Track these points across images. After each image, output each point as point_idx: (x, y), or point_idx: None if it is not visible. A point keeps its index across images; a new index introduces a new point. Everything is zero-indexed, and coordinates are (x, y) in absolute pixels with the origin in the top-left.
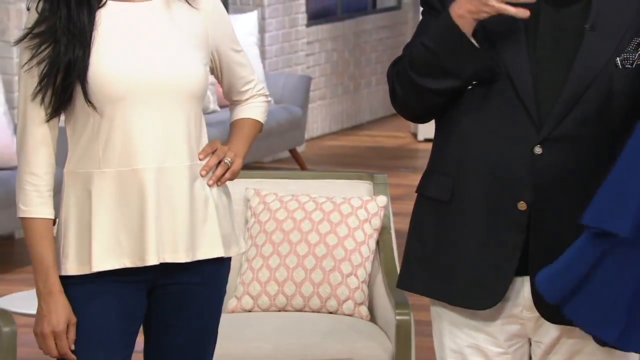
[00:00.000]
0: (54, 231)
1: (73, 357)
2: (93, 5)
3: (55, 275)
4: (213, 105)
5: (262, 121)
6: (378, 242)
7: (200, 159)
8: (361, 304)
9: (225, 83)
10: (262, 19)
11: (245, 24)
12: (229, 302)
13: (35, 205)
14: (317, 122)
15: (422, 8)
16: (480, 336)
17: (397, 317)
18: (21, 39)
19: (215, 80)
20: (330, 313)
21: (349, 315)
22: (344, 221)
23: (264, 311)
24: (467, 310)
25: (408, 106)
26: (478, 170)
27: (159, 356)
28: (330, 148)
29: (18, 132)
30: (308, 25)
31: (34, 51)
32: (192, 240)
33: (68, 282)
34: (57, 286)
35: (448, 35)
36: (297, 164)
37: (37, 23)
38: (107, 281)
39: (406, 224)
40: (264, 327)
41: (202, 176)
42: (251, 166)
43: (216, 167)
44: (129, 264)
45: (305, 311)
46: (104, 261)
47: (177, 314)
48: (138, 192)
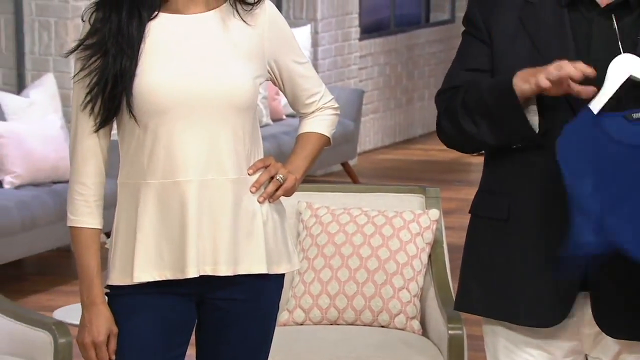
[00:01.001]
0: (110, 241)
1: None
2: (144, 17)
3: (99, 285)
4: (266, 119)
5: (328, 135)
6: (430, 256)
7: (249, 174)
8: (413, 318)
9: (289, 95)
10: (315, 33)
11: (298, 38)
12: (281, 315)
13: (83, 214)
14: (370, 136)
15: (465, 27)
16: (537, 353)
17: (450, 332)
18: (73, 50)
19: (267, 94)
20: (382, 327)
21: (400, 329)
22: (396, 235)
23: (315, 324)
24: (526, 327)
25: (455, 143)
26: (536, 189)
27: None
28: (382, 161)
29: (70, 142)
30: (361, 38)
31: (85, 62)
32: (234, 254)
33: (113, 293)
34: (100, 297)
35: (504, 99)
36: (349, 177)
37: (89, 34)
38: (153, 292)
39: (459, 238)
40: (315, 341)
41: (252, 192)
42: (303, 179)
43: (268, 184)
44: (170, 276)
45: (357, 325)
46: (145, 272)
47: (225, 328)
48: (180, 204)
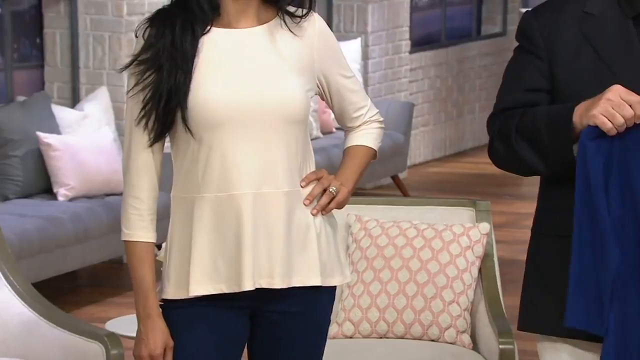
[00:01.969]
0: (163, 255)
1: None
2: (197, 32)
3: (154, 298)
4: (316, 132)
5: (375, 148)
6: (480, 270)
7: (302, 187)
8: (463, 332)
9: (336, 109)
10: (366, 46)
11: (348, 51)
12: (330, 328)
13: (137, 228)
14: (420, 149)
15: (519, 43)
16: None
17: (501, 346)
18: (127, 66)
19: (318, 107)
20: (432, 341)
21: (451, 343)
22: (446, 248)
23: (365, 337)
24: (595, 344)
25: (508, 166)
26: None
27: None
28: (432, 175)
29: (123, 157)
30: (411, 52)
31: (139, 77)
32: (289, 267)
33: (168, 306)
34: (156, 310)
35: (561, 134)
36: (399, 190)
37: (143, 50)
38: (207, 306)
39: (510, 252)
40: (365, 354)
41: (306, 205)
42: (353, 192)
43: (321, 196)
44: (225, 289)
45: (406, 338)
46: (201, 286)
47: (277, 341)
48: (235, 218)
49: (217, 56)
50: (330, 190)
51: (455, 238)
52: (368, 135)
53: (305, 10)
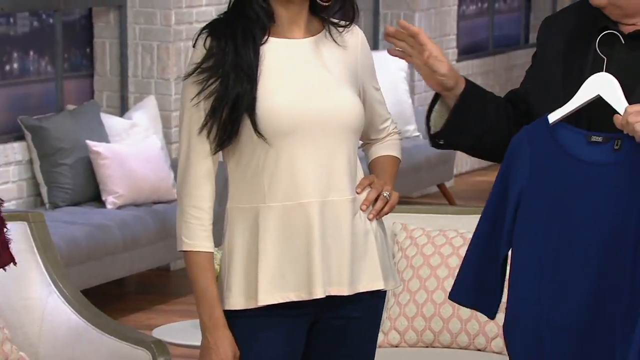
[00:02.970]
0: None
1: None
2: (257, 42)
3: (220, 308)
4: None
5: (401, 158)
6: None
7: (357, 193)
8: None
9: (366, 121)
10: None
11: (395, 60)
12: None
13: (200, 238)
14: (467, 157)
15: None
16: None
17: None
18: (190, 74)
19: None
20: (479, 350)
21: (497, 352)
22: None
23: (411, 347)
24: None
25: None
26: None
27: None
28: (479, 183)
29: (180, 166)
30: (459, 60)
31: (202, 86)
32: (355, 273)
33: (232, 316)
34: (222, 320)
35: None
36: (446, 199)
37: (205, 59)
38: (272, 315)
39: None
40: None
41: (363, 210)
42: (399, 201)
43: (375, 201)
44: (294, 298)
45: (453, 347)
46: (269, 295)
47: (336, 349)
48: (304, 226)
49: (278, 65)
50: (384, 194)
51: None
52: (394, 146)
53: (347, 22)
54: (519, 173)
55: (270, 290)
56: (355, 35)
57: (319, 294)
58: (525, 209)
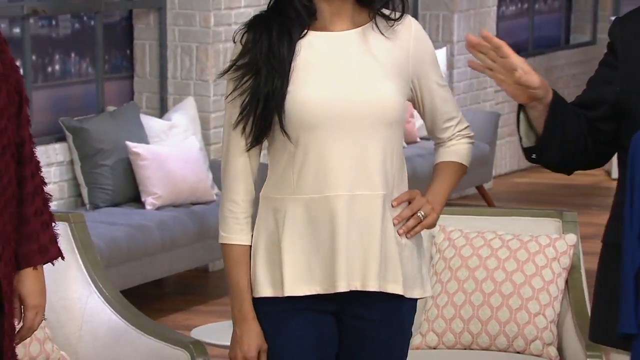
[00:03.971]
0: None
1: None
2: (294, 37)
3: (250, 301)
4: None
5: (467, 164)
6: (567, 282)
7: (393, 206)
8: (550, 344)
9: (427, 117)
10: (451, 55)
11: None
12: (414, 339)
13: (234, 232)
14: (506, 159)
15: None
16: None
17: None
18: (226, 71)
19: None
20: (518, 353)
21: (537, 355)
22: (531, 259)
23: (449, 349)
24: None
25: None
26: None
27: None
28: (518, 185)
29: (222, 161)
30: None
31: (238, 82)
32: (383, 270)
33: (262, 309)
34: (251, 313)
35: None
36: (484, 200)
37: (241, 55)
38: (299, 309)
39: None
40: None
41: (394, 224)
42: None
43: (409, 218)
44: (320, 291)
45: (491, 350)
46: (296, 286)
47: (359, 350)
48: (329, 220)
49: (313, 60)
50: (419, 215)
51: (541, 249)
52: (459, 151)
53: (398, 14)
54: None
55: (297, 281)
56: (407, 27)
57: (342, 288)
58: None
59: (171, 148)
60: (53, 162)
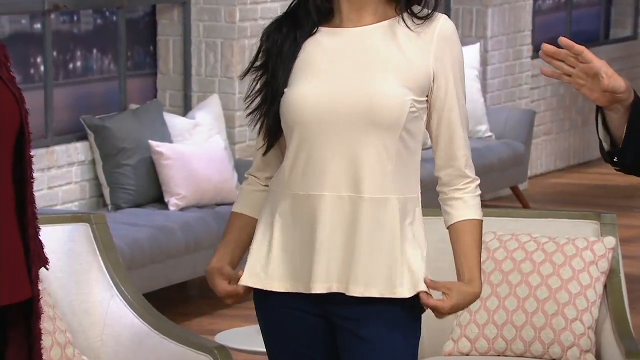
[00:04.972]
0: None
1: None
2: (299, 36)
3: (217, 254)
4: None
5: (481, 218)
6: (605, 286)
7: (426, 283)
8: (587, 351)
9: (433, 141)
10: (485, 51)
11: (466, 57)
12: (446, 345)
13: (237, 201)
14: (542, 159)
15: None
16: None
17: None
18: (245, 73)
19: None
20: None
21: None
22: (568, 263)
23: (482, 355)
24: None
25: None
26: None
27: None
28: (554, 186)
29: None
30: (533, 57)
31: (255, 83)
32: (367, 275)
33: (257, 304)
34: (212, 264)
35: None
36: (519, 201)
37: (256, 56)
38: (286, 306)
39: (638, 268)
40: None
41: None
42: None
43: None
44: (302, 289)
45: (526, 357)
46: (278, 282)
47: (351, 353)
48: (311, 219)
49: (316, 58)
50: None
51: (578, 252)
52: (475, 206)
53: (428, 12)
54: None
55: (280, 277)
56: (432, 27)
57: (317, 289)
58: None
59: (195, 147)
60: (74, 162)
